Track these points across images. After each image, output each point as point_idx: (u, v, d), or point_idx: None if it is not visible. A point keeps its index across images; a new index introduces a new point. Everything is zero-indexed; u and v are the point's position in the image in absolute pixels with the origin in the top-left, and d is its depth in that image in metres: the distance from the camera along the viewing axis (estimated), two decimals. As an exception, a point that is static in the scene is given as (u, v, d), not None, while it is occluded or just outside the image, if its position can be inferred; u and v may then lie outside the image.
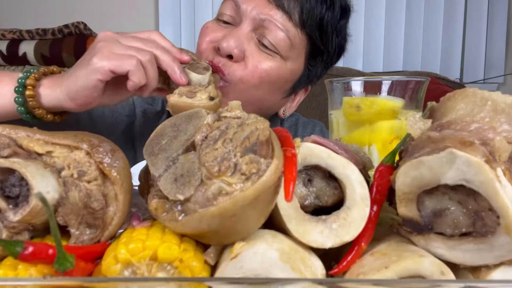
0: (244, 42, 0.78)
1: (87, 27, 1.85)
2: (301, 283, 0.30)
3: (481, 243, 0.31)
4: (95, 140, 0.36)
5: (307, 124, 1.07)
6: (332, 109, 0.63)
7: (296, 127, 1.06)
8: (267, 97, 0.84)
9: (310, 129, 1.06)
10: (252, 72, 0.78)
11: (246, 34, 0.78)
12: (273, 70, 0.80)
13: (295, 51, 0.81)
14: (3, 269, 0.31)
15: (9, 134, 0.35)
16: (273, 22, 0.77)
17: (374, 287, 0.29)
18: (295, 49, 0.81)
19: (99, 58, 0.61)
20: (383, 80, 0.59)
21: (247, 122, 0.33)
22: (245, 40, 0.78)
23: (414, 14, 2.35)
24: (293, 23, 0.78)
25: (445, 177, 0.31)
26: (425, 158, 0.32)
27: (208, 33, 0.82)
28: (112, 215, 0.35)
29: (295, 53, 0.81)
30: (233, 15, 0.81)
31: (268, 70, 0.79)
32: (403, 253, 0.32)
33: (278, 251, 0.32)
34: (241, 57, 0.77)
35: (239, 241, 0.32)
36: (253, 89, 0.80)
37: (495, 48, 2.40)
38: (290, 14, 0.78)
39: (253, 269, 0.30)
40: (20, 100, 0.64)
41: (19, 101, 0.64)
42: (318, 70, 0.89)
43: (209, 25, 0.83)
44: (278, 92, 0.86)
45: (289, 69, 0.82)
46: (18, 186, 0.33)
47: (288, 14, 0.77)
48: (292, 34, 0.79)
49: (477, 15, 2.37)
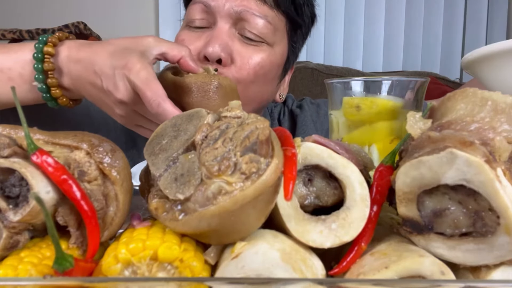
0: (228, 42, 0.75)
1: (87, 27, 1.85)
2: (301, 283, 0.30)
3: (481, 243, 0.31)
4: (95, 140, 0.36)
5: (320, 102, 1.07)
6: (332, 109, 0.63)
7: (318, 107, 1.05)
8: (265, 89, 0.84)
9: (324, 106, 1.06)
10: (246, 70, 0.76)
11: (227, 32, 0.76)
12: (265, 60, 0.78)
13: (279, 33, 0.80)
14: (3, 269, 0.31)
15: (9, 134, 0.35)
16: (249, 12, 0.75)
17: (374, 287, 0.29)
18: (279, 32, 0.80)
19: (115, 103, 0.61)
20: (383, 80, 0.59)
21: (247, 121, 0.33)
22: (228, 40, 0.76)
23: (414, 14, 2.35)
24: (268, 5, 0.77)
25: (445, 177, 0.31)
26: (425, 158, 0.32)
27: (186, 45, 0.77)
28: (112, 215, 0.35)
29: (279, 35, 0.81)
30: (205, 17, 0.78)
31: (260, 63, 0.78)
32: (403, 253, 0.32)
33: (280, 251, 0.32)
34: (230, 60, 0.76)
35: (240, 241, 0.32)
36: (250, 86, 0.79)
37: (495, 48, 2.40)
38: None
39: (254, 269, 0.31)
40: (39, 68, 0.64)
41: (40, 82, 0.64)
42: (299, 43, 0.89)
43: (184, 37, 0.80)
44: (273, 81, 0.85)
45: (278, 54, 0.82)
46: (18, 186, 0.33)
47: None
48: (271, 18, 0.78)
49: (477, 15, 2.37)
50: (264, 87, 0.82)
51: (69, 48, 0.64)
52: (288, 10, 0.80)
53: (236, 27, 0.77)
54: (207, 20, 0.78)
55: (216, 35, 0.75)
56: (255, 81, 0.79)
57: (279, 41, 0.81)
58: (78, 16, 2.04)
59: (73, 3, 2.21)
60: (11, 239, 0.33)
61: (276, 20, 0.79)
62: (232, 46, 0.76)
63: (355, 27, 2.32)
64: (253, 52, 0.77)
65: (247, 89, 0.78)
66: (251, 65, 0.77)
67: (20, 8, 2.19)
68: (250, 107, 0.83)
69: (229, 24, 0.76)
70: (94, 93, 0.63)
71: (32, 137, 0.36)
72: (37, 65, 0.63)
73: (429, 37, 2.36)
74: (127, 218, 0.37)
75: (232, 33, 0.77)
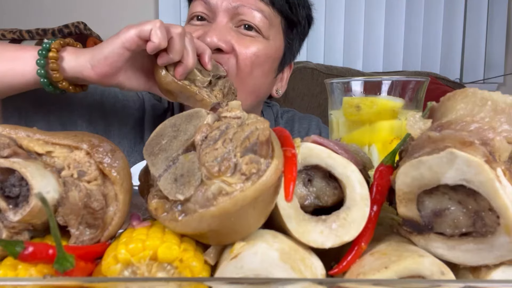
0: (225, 34, 0.80)
1: (87, 27, 1.85)
2: (301, 283, 0.30)
3: (481, 243, 0.31)
4: (95, 140, 0.36)
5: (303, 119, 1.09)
6: (332, 109, 0.63)
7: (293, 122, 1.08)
8: (262, 81, 0.87)
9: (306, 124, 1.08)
10: (244, 59, 0.81)
11: (225, 25, 0.81)
12: (261, 51, 0.83)
13: (274, 28, 0.85)
14: (3, 269, 0.31)
15: (9, 134, 0.35)
16: (246, 6, 0.81)
17: (374, 287, 0.29)
18: (274, 27, 0.85)
19: (126, 28, 0.64)
20: (383, 80, 0.59)
21: (247, 122, 0.33)
22: (226, 32, 0.81)
23: (414, 14, 2.35)
24: (264, 2, 0.83)
25: (445, 177, 0.31)
26: (425, 158, 0.32)
27: None
28: (112, 215, 0.35)
29: (274, 30, 0.85)
30: (205, 13, 0.84)
31: (256, 53, 0.82)
32: (403, 253, 0.32)
33: (278, 251, 0.31)
34: (230, 48, 0.80)
35: (240, 241, 0.32)
36: (248, 78, 0.83)
37: (495, 48, 2.40)
38: None
39: (253, 269, 0.30)
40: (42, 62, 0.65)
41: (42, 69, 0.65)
42: (296, 42, 0.93)
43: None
44: (270, 73, 0.89)
45: (273, 47, 0.86)
46: (18, 186, 0.33)
47: None
48: (267, 13, 0.83)
49: (477, 15, 2.37)
50: (260, 80, 0.86)
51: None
52: (283, 8, 0.85)
53: (233, 21, 0.82)
54: (207, 15, 0.84)
55: (214, 28, 0.81)
56: (251, 72, 0.83)
57: (274, 36, 0.86)
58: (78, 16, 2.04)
59: (73, 3, 2.21)
60: (11, 239, 0.33)
61: (271, 16, 0.84)
62: (229, 37, 0.81)
63: (355, 27, 2.32)
64: (250, 42, 0.82)
65: (244, 80, 0.82)
66: (248, 54, 0.81)
67: (20, 8, 2.19)
68: (249, 100, 0.87)
69: (227, 19, 0.82)
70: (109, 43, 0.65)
71: (32, 137, 0.36)
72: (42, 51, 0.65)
73: (429, 37, 2.36)
74: (127, 218, 0.37)
75: (229, 27, 0.82)
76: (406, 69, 2.33)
